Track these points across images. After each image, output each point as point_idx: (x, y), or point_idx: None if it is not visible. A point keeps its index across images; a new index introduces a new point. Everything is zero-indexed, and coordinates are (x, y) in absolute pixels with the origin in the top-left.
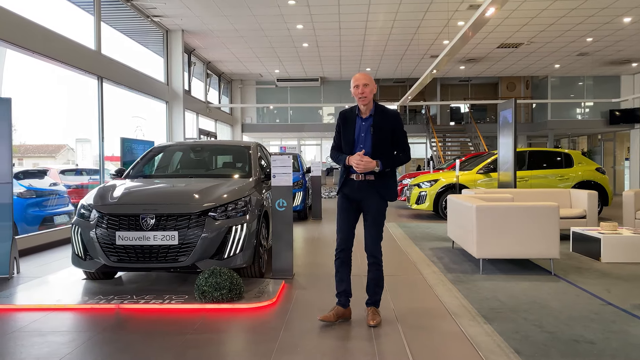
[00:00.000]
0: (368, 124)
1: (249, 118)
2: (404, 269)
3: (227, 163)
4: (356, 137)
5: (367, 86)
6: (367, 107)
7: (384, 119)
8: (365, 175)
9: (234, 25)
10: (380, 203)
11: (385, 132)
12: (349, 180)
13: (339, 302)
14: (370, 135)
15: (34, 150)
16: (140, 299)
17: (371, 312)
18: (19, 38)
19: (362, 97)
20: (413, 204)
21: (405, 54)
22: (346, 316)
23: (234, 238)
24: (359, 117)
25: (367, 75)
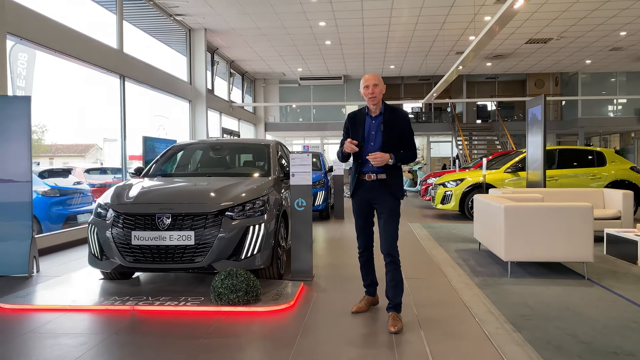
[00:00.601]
0: (378, 122)
1: (272, 117)
2: (428, 272)
3: (246, 162)
4: (366, 135)
5: (377, 86)
6: (377, 106)
7: (394, 117)
8: (377, 175)
9: (256, 23)
10: (393, 201)
11: (394, 130)
12: (361, 181)
13: (367, 292)
14: (381, 132)
15: (64, 149)
16: (155, 300)
17: (392, 317)
18: (46, 39)
19: (372, 97)
20: (438, 204)
21: (430, 51)
22: (375, 302)
23: (251, 238)
24: (368, 116)
25: (376, 75)
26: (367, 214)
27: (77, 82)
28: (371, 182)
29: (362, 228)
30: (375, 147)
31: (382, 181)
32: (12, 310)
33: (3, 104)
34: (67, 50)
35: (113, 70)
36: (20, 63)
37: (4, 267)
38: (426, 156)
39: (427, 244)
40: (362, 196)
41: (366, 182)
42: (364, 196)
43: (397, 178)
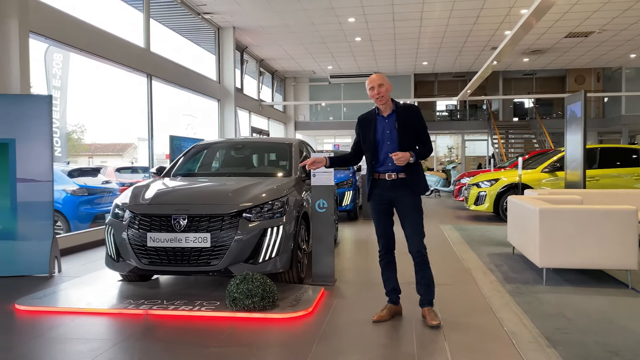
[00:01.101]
0: (392, 121)
1: (301, 116)
2: (458, 277)
3: (268, 161)
4: (379, 137)
5: (382, 86)
6: (387, 105)
7: (407, 114)
8: (397, 173)
9: (285, 20)
10: (415, 198)
11: (409, 127)
12: (379, 181)
13: (390, 301)
14: (396, 130)
15: (103, 148)
16: (170, 304)
17: (429, 311)
18: (68, 36)
19: (378, 97)
20: (471, 205)
21: (464, 46)
22: (398, 312)
23: (269, 241)
24: (380, 117)
25: (380, 75)
26: (387, 214)
27: (114, 81)
28: (392, 182)
29: (383, 229)
30: (393, 147)
31: (402, 180)
32: (27, 312)
33: (24, 103)
34: (93, 49)
35: (140, 69)
36: (55, 63)
37: (26, 266)
38: (460, 155)
39: (458, 248)
40: (381, 196)
41: (386, 181)
42: (384, 196)
43: (417, 174)
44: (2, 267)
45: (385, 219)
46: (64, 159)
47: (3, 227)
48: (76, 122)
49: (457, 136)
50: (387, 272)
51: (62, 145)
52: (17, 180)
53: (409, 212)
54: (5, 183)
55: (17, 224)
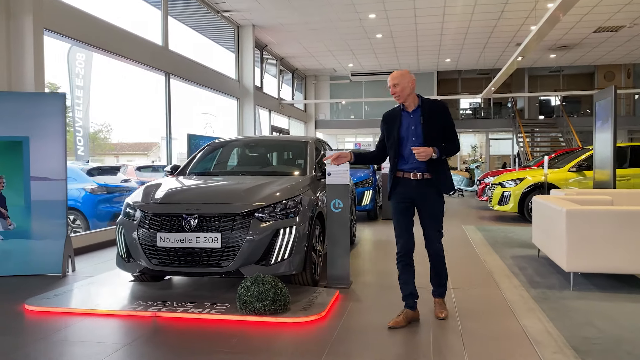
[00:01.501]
0: (417, 116)
1: (322, 114)
2: (479, 281)
3: (282, 160)
4: (404, 133)
5: (397, 85)
6: (411, 101)
7: (433, 110)
8: (422, 173)
9: (304, 17)
10: (438, 199)
11: (435, 123)
12: (403, 179)
13: (407, 306)
14: (421, 125)
15: (129, 148)
16: (180, 306)
17: (439, 304)
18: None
19: (395, 96)
20: (495, 205)
21: (488, 43)
22: (415, 318)
23: (281, 242)
24: (404, 112)
25: (398, 73)
26: (408, 214)
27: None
28: (417, 181)
29: (403, 229)
30: (417, 142)
31: (427, 180)
32: (36, 313)
33: (38, 101)
34: (109, 46)
35: (157, 67)
36: (78, 63)
37: (40, 265)
38: (484, 154)
39: (481, 250)
40: (403, 195)
41: (410, 180)
42: (406, 195)
43: (443, 174)
44: (16, 266)
45: (406, 219)
46: (86, 157)
47: (17, 225)
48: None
49: (481, 135)
50: (404, 275)
51: (85, 144)
52: (31, 178)
53: (431, 213)
54: (19, 181)
55: (31, 223)
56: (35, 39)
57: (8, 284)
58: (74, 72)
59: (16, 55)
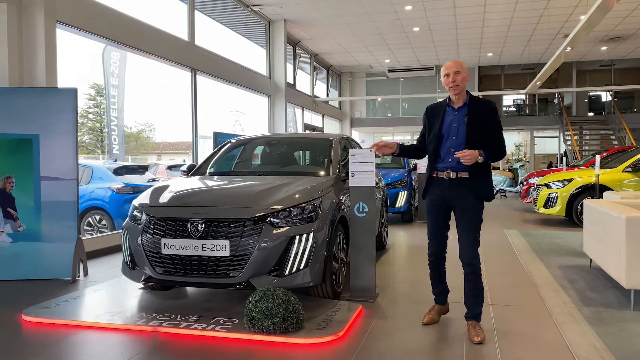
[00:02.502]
0: (462, 114)
1: (358, 112)
2: (522, 296)
3: (305, 159)
4: (445, 130)
5: (459, 74)
6: (460, 96)
7: (480, 109)
8: (457, 172)
9: (337, 10)
10: (475, 203)
11: (480, 123)
12: (437, 179)
13: (437, 300)
14: (465, 124)
15: (170, 147)
16: (183, 320)
17: (473, 326)
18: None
19: (453, 85)
20: (540, 208)
21: (533, 35)
22: (446, 311)
23: (297, 250)
24: (450, 108)
25: (458, 62)
26: (442, 215)
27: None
28: (450, 181)
29: (436, 231)
30: (458, 142)
31: (463, 180)
32: (32, 324)
33: (48, 97)
34: (130, 40)
35: (183, 63)
36: (112, 62)
37: (49, 270)
38: (529, 153)
39: (524, 258)
40: (437, 195)
41: (443, 180)
42: (440, 195)
43: (484, 177)
44: (26, 270)
45: (439, 221)
46: (121, 156)
47: (27, 227)
48: (145, 122)
49: (526, 133)
50: (436, 275)
51: (120, 143)
52: (41, 178)
53: (466, 218)
54: (29, 181)
55: (41, 225)
56: (47, 32)
57: (14, 289)
58: (109, 71)
59: (28, 50)
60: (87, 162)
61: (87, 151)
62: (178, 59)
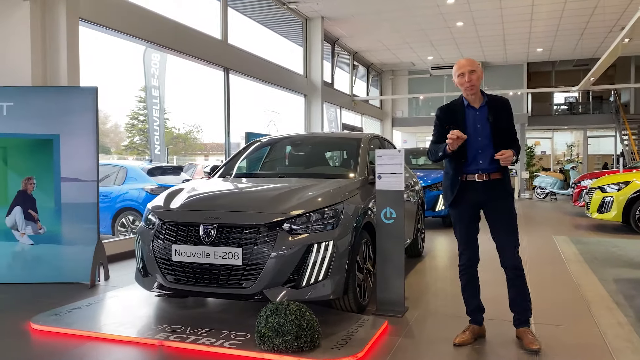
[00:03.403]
0: (483, 114)
1: (400, 111)
2: (570, 314)
3: (332, 160)
4: (470, 131)
5: (474, 72)
6: (477, 96)
7: (499, 107)
8: (489, 174)
9: (376, 6)
10: (510, 203)
11: (501, 121)
12: (467, 182)
13: (472, 321)
14: (489, 124)
15: (217, 148)
16: (192, 333)
17: (525, 333)
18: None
19: (469, 85)
20: (594, 213)
21: (586, 28)
22: (482, 334)
23: (315, 259)
24: (470, 108)
25: (471, 60)
26: (474, 221)
27: (213, 81)
28: (483, 183)
29: (469, 239)
30: (485, 143)
31: (496, 181)
32: (40, 332)
33: (68, 96)
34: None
35: (215, 62)
36: (153, 63)
37: (69, 273)
38: (582, 153)
39: (574, 268)
40: (469, 201)
41: (476, 183)
42: (473, 200)
43: (507, 174)
44: (46, 273)
45: (472, 228)
46: (163, 157)
47: (48, 229)
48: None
49: (578, 132)
50: (469, 289)
51: (161, 143)
52: (62, 179)
53: (503, 219)
54: (49, 182)
55: (62, 227)
56: (69, 29)
57: (34, 292)
58: (150, 72)
59: (51, 49)
60: (122, 162)
61: (137, 152)
62: (210, 58)
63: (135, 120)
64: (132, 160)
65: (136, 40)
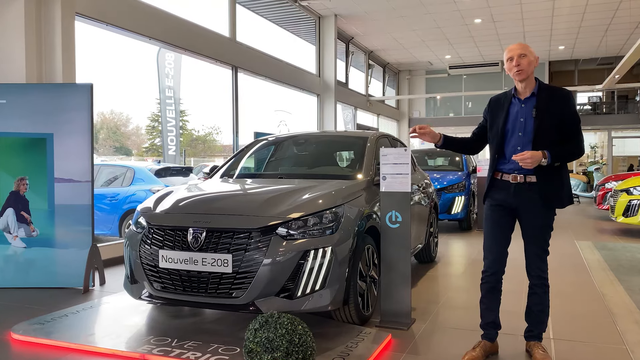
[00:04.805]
0: (530, 106)
1: (417, 112)
2: (593, 328)
3: (334, 160)
4: (510, 125)
5: (524, 57)
6: (528, 84)
7: (552, 99)
8: (525, 175)
9: (390, 3)
10: (545, 212)
11: (552, 117)
12: (500, 182)
13: (485, 336)
14: (533, 119)
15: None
16: (178, 347)
17: (537, 348)
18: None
19: (518, 70)
20: (619, 216)
21: (611, 24)
22: (494, 351)
23: (312, 267)
24: (516, 99)
25: (523, 44)
26: (504, 226)
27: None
28: (517, 185)
29: (495, 243)
30: (525, 140)
31: (532, 185)
32: (18, 343)
33: (62, 93)
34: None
35: (223, 60)
36: (167, 64)
37: (62, 278)
38: (607, 155)
39: (598, 277)
40: (499, 201)
41: (509, 184)
42: (504, 202)
43: (556, 181)
44: (40, 278)
45: (500, 232)
46: (177, 158)
47: (41, 232)
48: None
49: (603, 133)
50: (488, 300)
51: (176, 144)
52: (55, 180)
53: (535, 228)
54: (42, 183)
55: (55, 230)
56: (65, 24)
57: (24, 298)
58: (163, 72)
59: (47, 45)
60: (130, 163)
61: (158, 154)
62: (217, 56)
63: (156, 123)
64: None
65: (137, 37)
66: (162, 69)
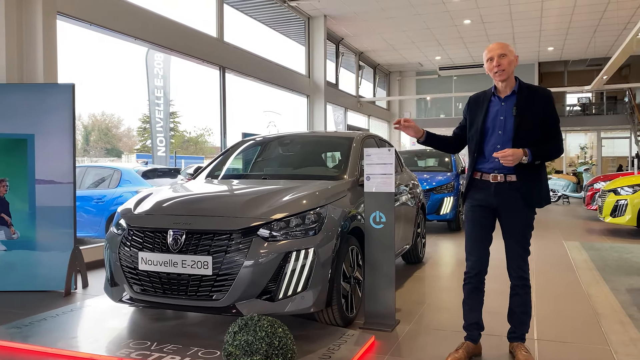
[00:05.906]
0: (510, 104)
1: (407, 113)
2: (578, 329)
3: (321, 160)
4: (489, 123)
5: (504, 57)
6: (508, 83)
7: (532, 98)
8: (505, 175)
9: (379, 3)
10: (526, 212)
11: (533, 116)
12: (480, 182)
13: (468, 337)
14: (513, 117)
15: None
16: (157, 350)
17: (519, 349)
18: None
19: (498, 70)
20: (607, 216)
21: (599, 25)
22: (477, 353)
23: (294, 268)
24: (496, 97)
25: (503, 43)
26: (484, 226)
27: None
28: (497, 185)
29: (476, 243)
30: (505, 138)
31: (512, 184)
32: None
33: (43, 93)
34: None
35: (210, 60)
36: (156, 64)
37: (44, 281)
38: (596, 155)
39: (584, 277)
40: (480, 201)
41: (489, 184)
42: (484, 202)
43: (536, 180)
44: (20, 281)
45: (481, 233)
46: (167, 159)
47: (21, 235)
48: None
49: (592, 133)
50: (471, 301)
51: (166, 145)
52: (36, 181)
53: (515, 228)
54: (23, 185)
55: (36, 232)
56: (45, 23)
57: (1, 301)
58: (152, 73)
59: (28, 44)
60: (116, 165)
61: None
62: (204, 56)
63: (147, 124)
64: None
65: (122, 36)
66: (151, 70)
